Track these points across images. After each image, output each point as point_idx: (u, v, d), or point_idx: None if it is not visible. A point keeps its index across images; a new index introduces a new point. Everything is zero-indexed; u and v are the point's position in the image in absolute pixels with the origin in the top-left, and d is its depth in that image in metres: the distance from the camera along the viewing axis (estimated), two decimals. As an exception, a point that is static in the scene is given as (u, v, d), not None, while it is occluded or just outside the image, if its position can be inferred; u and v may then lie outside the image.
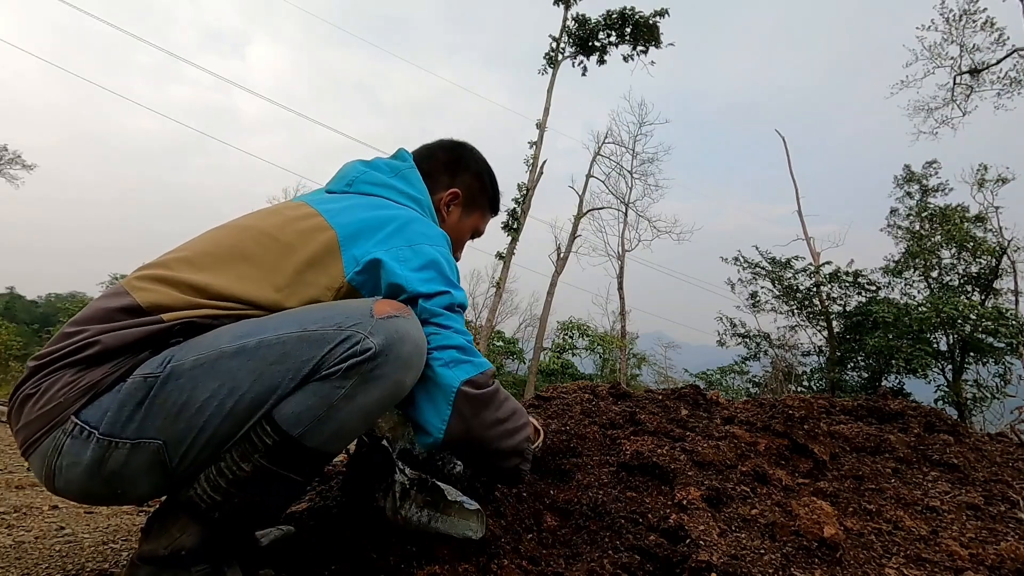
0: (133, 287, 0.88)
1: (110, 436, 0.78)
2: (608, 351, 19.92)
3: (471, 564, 1.02)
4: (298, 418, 0.81)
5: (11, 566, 1.18)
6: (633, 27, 16.30)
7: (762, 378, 16.91)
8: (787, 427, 1.67)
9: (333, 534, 1.21)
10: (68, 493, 0.83)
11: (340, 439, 0.87)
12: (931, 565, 1.06)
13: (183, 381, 0.80)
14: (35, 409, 0.80)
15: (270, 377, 0.81)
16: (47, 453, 0.80)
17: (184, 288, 0.88)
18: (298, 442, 0.82)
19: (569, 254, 18.34)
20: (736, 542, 1.08)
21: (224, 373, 0.80)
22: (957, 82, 15.27)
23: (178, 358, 0.82)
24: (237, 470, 0.82)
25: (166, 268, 0.91)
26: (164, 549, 0.84)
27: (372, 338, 0.83)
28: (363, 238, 0.96)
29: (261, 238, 0.95)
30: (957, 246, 14.14)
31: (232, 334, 0.84)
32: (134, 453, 0.79)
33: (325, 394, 0.82)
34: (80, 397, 0.79)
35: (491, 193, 1.32)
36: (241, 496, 0.84)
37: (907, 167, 17.39)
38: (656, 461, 1.40)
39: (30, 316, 37.84)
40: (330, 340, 0.83)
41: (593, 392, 2.11)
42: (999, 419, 11.98)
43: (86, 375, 0.80)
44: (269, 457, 0.82)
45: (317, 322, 0.84)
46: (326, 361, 0.82)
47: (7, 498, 1.90)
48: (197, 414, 0.80)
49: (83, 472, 0.79)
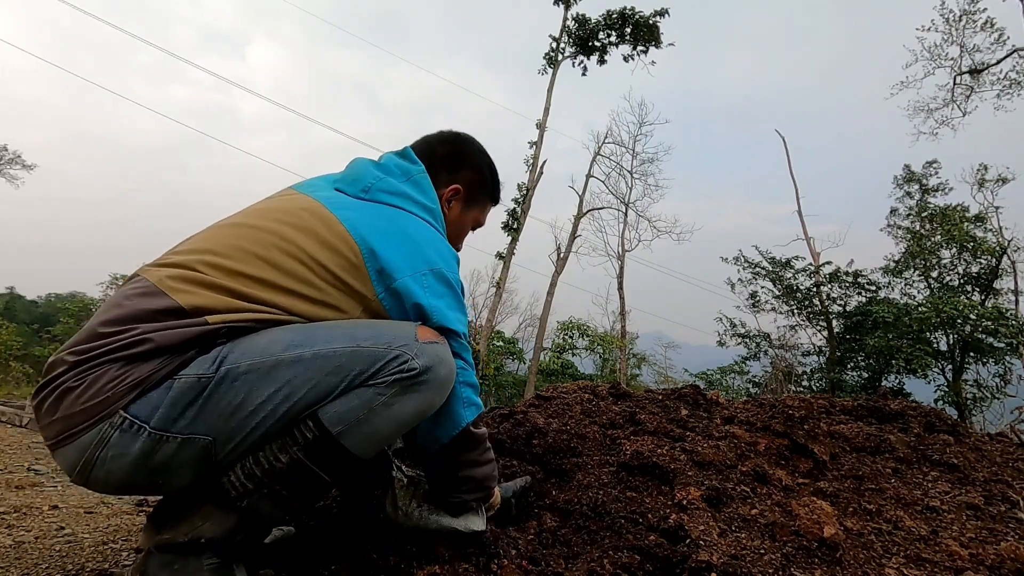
0: (169, 288, 0.89)
1: (162, 431, 0.81)
2: (608, 351, 19.91)
3: (471, 564, 1.02)
4: (340, 417, 0.87)
5: (11, 566, 1.18)
6: (633, 27, 16.30)
7: (762, 378, 16.91)
8: (787, 427, 1.67)
9: (333, 534, 1.21)
10: (103, 483, 0.84)
11: (372, 443, 0.92)
12: (931, 565, 1.06)
13: (238, 384, 0.84)
14: (79, 402, 0.81)
15: (324, 386, 0.87)
16: (89, 445, 0.81)
17: (222, 291, 0.91)
18: (336, 440, 0.87)
19: (569, 254, 18.34)
20: (736, 542, 1.08)
21: (280, 380, 0.86)
22: (957, 82, 15.26)
23: (231, 361, 0.85)
24: (275, 460, 0.87)
25: (196, 271, 0.92)
26: (184, 536, 0.86)
27: (418, 359, 0.91)
28: (387, 254, 0.99)
29: (287, 247, 0.96)
30: (957, 246, 14.13)
31: (285, 343, 0.88)
32: (183, 448, 0.82)
33: (368, 399, 0.89)
34: (129, 392, 0.81)
35: (491, 185, 1.33)
36: (271, 488, 0.87)
37: (907, 167, 17.39)
38: (656, 461, 1.40)
39: (30, 316, 37.83)
40: (381, 357, 0.90)
41: (593, 392, 2.11)
42: (999, 419, 11.98)
43: (134, 371, 0.82)
44: (306, 451, 0.87)
45: (368, 339, 0.91)
46: (377, 375, 0.89)
47: (7, 498, 1.90)
48: (251, 416, 0.85)
49: (128, 463, 0.81)
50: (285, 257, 0.95)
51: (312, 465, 0.88)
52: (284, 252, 0.95)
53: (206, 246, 0.96)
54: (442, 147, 1.27)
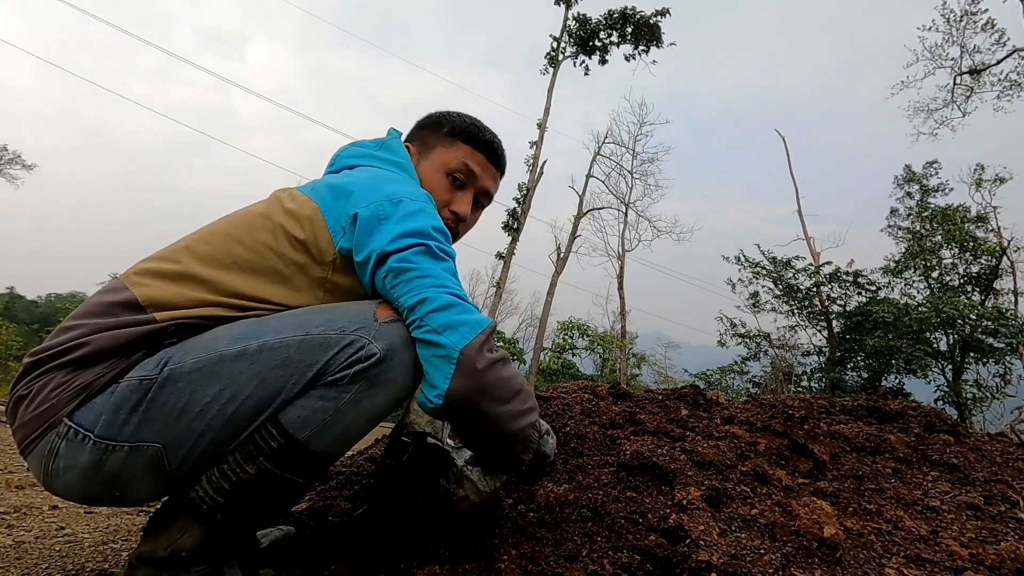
0: (132, 282, 0.87)
1: (107, 439, 0.77)
2: (608, 351, 19.92)
3: (471, 564, 1.02)
4: (304, 422, 0.81)
5: (11, 566, 1.18)
6: (634, 27, 16.31)
7: (762, 378, 16.91)
8: (787, 427, 1.67)
9: (333, 534, 1.21)
10: (68, 495, 0.82)
11: (345, 442, 0.87)
12: (931, 565, 1.06)
13: (182, 384, 0.79)
14: (29, 410, 0.79)
15: (273, 381, 0.80)
16: (43, 455, 0.79)
17: (183, 281, 0.87)
18: (304, 446, 0.82)
19: (569, 254, 18.35)
20: (736, 542, 1.08)
21: (225, 377, 0.79)
22: (957, 83, 15.27)
23: (175, 360, 0.80)
24: (241, 472, 0.82)
25: (164, 261, 0.90)
26: (164, 550, 0.84)
27: (376, 343, 0.82)
28: (341, 200, 0.94)
29: (252, 221, 0.94)
30: (957, 246, 14.13)
31: (231, 336, 0.83)
32: (132, 456, 0.78)
33: (331, 399, 0.81)
34: (73, 399, 0.78)
35: (449, 127, 1.16)
36: (244, 498, 0.83)
37: (907, 167, 17.39)
38: (656, 461, 1.40)
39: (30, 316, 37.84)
40: (334, 344, 0.82)
41: (593, 392, 2.11)
42: (999, 419, 11.98)
43: (78, 376, 0.79)
44: (274, 460, 0.82)
45: (320, 325, 0.83)
46: (331, 366, 0.81)
47: (7, 498, 1.90)
48: (197, 418, 0.79)
49: (80, 475, 0.78)
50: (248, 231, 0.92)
51: (283, 473, 0.83)
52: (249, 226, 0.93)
53: (185, 239, 0.96)
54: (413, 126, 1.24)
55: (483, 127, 1.19)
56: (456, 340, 0.82)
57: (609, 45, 16.69)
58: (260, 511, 0.87)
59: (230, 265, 0.89)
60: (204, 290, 0.87)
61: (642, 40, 16.53)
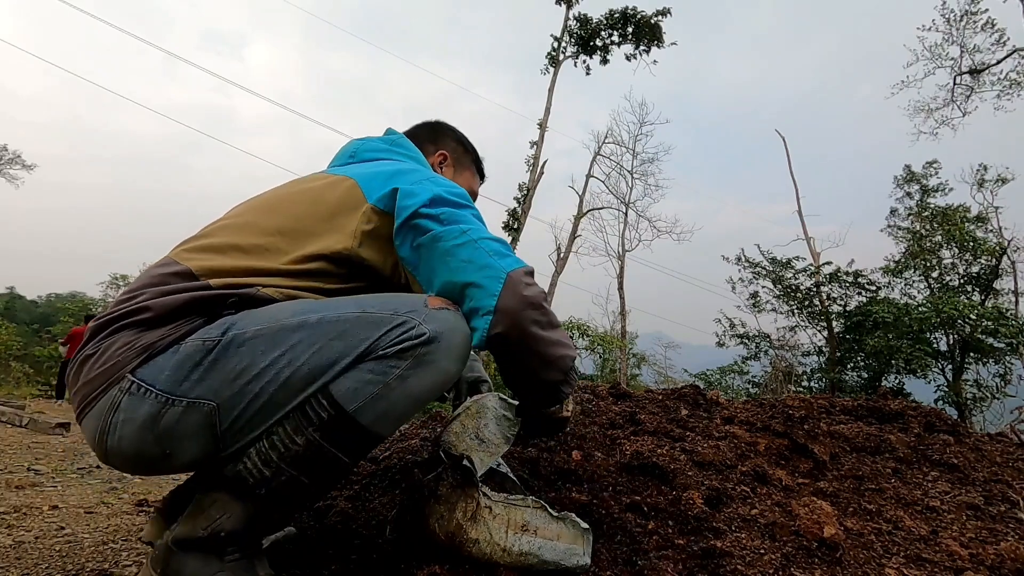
0: (182, 257, 0.95)
1: (167, 393, 0.82)
2: (608, 351, 19.91)
3: (471, 564, 1.01)
4: (355, 394, 0.85)
5: (11, 566, 1.18)
6: (635, 27, 16.31)
7: (762, 378, 16.91)
8: (787, 427, 1.67)
9: (333, 534, 1.21)
10: (120, 453, 0.84)
11: (390, 421, 0.89)
12: (931, 565, 1.06)
13: (244, 349, 0.84)
14: (95, 368, 0.84)
15: (328, 351, 0.85)
16: (104, 410, 0.83)
17: (228, 251, 0.95)
18: (352, 418, 0.85)
19: (569, 254, 18.35)
20: (736, 542, 1.08)
21: (284, 344, 0.85)
22: (957, 82, 15.27)
23: (238, 327, 0.86)
24: (290, 443, 0.84)
25: (211, 236, 0.99)
26: (203, 530, 0.84)
27: (426, 325, 0.88)
28: (380, 182, 1.03)
29: (292, 195, 1.05)
30: (957, 246, 14.13)
31: (292, 310, 0.89)
32: (188, 412, 0.82)
33: (381, 372, 0.85)
34: (137, 356, 0.83)
35: (474, 156, 1.41)
36: (289, 474, 0.85)
37: (907, 167, 17.39)
38: (656, 461, 1.40)
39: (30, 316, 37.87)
40: (387, 323, 0.87)
41: (593, 392, 2.11)
42: (999, 419, 11.98)
43: (143, 336, 0.85)
44: (323, 432, 0.85)
45: (375, 306, 0.90)
46: (382, 341, 0.86)
47: (7, 498, 1.90)
48: (254, 380, 0.83)
49: (137, 428, 0.82)
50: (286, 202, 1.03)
51: (330, 447, 0.85)
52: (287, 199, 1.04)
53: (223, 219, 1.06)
54: (422, 127, 1.40)
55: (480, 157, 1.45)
56: (505, 264, 0.92)
57: (610, 45, 16.68)
58: (302, 491, 0.88)
59: (271, 231, 0.99)
60: (250, 257, 0.95)
61: (643, 40, 16.52)
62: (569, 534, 1.00)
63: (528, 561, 0.97)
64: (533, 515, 1.01)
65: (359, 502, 1.38)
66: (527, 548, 0.97)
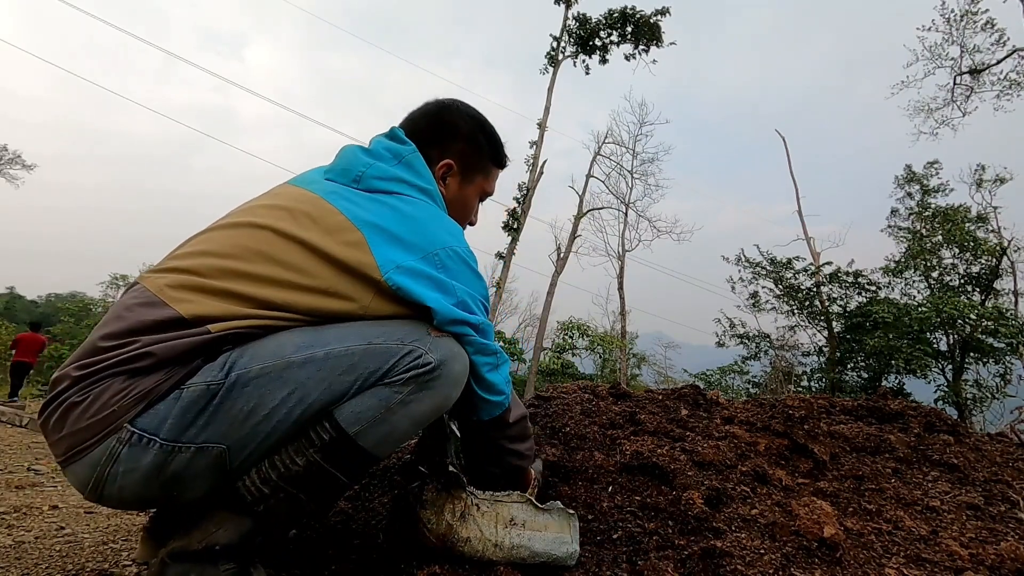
0: (170, 297, 0.87)
1: (173, 441, 0.79)
2: (608, 351, 19.92)
3: (472, 564, 1.01)
4: (356, 417, 0.86)
5: (11, 566, 1.18)
6: (634, 26, 16.31)
7: (762, 378, 16.92)
8: (787, 427, 1.67)
9: (333, 534, 1.21)
10: (117, 499, 0.82)
11: (390, 443, 0.91)
12: (931, 565, 1.06)
13: (249, 389, 0.82)
14: (85, 417, 0.79)
15: (339, 386, 0.86)
16: (99, 461, 0.79)
17: (223, 296, 0.88)
18: (353, 440, 0.86)
19: (569, 254, 18.34)
20: (736, 542, 1.08)
21: (292, 382, 0.84)
22: (957, 83, 15.27)
23: (241, 366, 0.83)
24: (291, 463, 0.85)
25: (198, 275, 0.89)
26: (199, 543, 0.84)
27: (432, 353, 0.90)
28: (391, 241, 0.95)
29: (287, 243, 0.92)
30: (957, 246, 14.14)
31: (295, 344, 0.87)
32: (196, 457, 0.81)
33: (384, 397, 0.87)
34: (135, 405, 0.79)
35: (489, 150, 1.22)
36: (288, 492, 0.86)
37: (908, 167, 17.39)
38: (656, 461, 1.40)
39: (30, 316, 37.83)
40: (394, 353, 0.88)
41: (593, 392, 2.11)
42: (999, 419, 11.99)
43: (138, 383, 0.81)
44: (323, 453, 0.86)
45: (380, 336, 0.90)
46: (391, 371, 0.88)
47: (7, 498, 1.90)
48: (264, 420, 0.83)
49: (141, 477, 0.79)
50: (286, 250, 0.91)
51: (329, 467, 0.86)
52: (284, 246, 0.92)
53: (204, 247, 0.94)
54: (424, 121, 1.18)
55: (501, 142, 1.26)
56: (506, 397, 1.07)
57: (609, 44, 16.68)
58: (300, 508, 0.89)
59: (271, 283, 0.90)
60: (251, 305, 0.89)
61: (642, 39, 16.52)
62: (556, 524, 1.04)
63: (520, 554, 1.00)
64: (520, 509, 1.04)
65: (359, 502, 1.38)
66: (518, 541, 1.01)
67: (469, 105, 1.24)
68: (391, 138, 1.12)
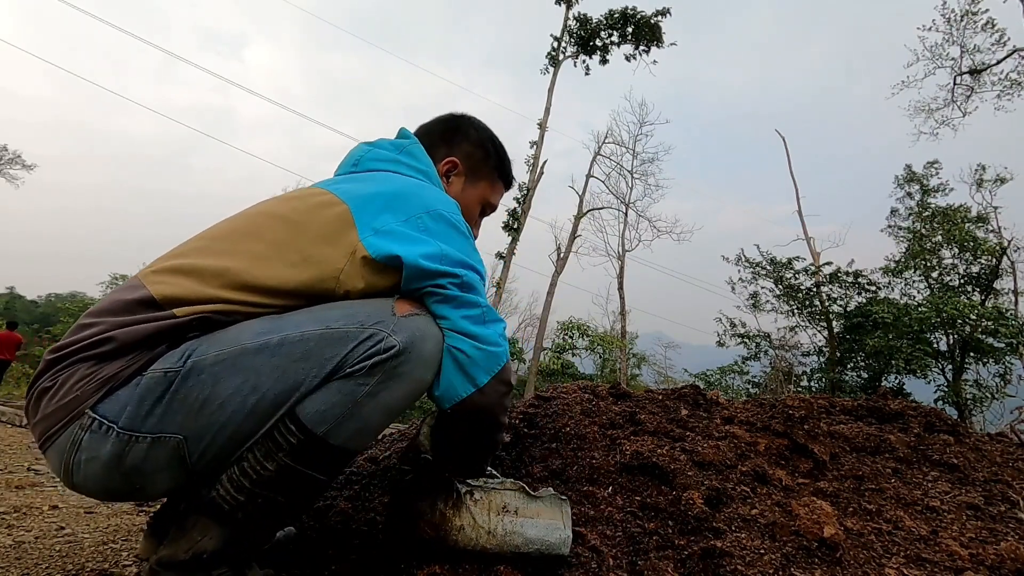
0: (149, 280, 0.87)
1: (130, 431, 0.77)
2: (608, 351, 19.92)
3: (471, 564, 1.01)
4: (323, 416, 0.82)
5: (11, 566, 1.18)
6: (635, 27, 16.31)
7: (762, 378, 16.92)
8: (787, 427, 1.67)
9: (333, 534, 1.21)
10: (86, 489, 0.82)
11: (364, 436, 0.87)
12: (931, 565, 1.06)
13: (204, 376, 0.79)
14: (52, 403, 0.79)
15: (294, 374, 0.81)
16: (64, 448, 0.79)
17: (199, 277, 0.86)
18: (323, 440, 0.82)
19: (569, 254, 18.34)
20: (736, 542, 1.08)
21: (247, 369, 0.80)
22: (957, 83, 15.27)
23: (199, 353, 0.81)
24: (261, 469, 0.82)
25: (182, 257, 0.90)
26: (185, 553, 0.83)
27: (395, 336, 0.84)
28: (375, 209, 0.93)
29: (273, 219, 0.93)
30: (957, 246, 14.14)
31: (253, 331, 0.84)
32: (154, 448, 0.79)
33: (349, 392, 0.83)
34: (97, 391, 0.78)
35: (496, 161, 1.23)
36: (265, 496, 0.84)
37: (908, 167, 17.40)
38: (656, 461, 1.40)
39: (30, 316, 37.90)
40: (353, 338, 0.83)
41: (593, 392, 2.11)
42: (999, 419, 11.99)
43: (102, 369, 0.79)
44: (293, 456, 0.82)
45: (339, 320, 0.85)
46: (349, 358, 0.83)
47: (7, 498, 1.90)
48: (219, 410, 0.79)
49: (102, 467, 0.78)
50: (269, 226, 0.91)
51: (303, 468, 0.84)
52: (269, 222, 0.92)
53: (203, 234, 0.95)
54: (439, 125, 1.22)
55: (508, 160, 1.27)
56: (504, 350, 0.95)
57: (610, 45, 16.68)
58: (281, 509, 0.87)
59: (246, 257, 0.89)
60: (219, 284, 0.86)
61: (643, 40, 16.52)
62: (548, 510, 1.04)
63: (513, 540, 1.00)
64: (513, 496, 1.04)
65: (359, 502, 1.38)
66: (511, 528, 1.00)
67: (484, 123, 1.27)
68: (397, 136, 1.15)
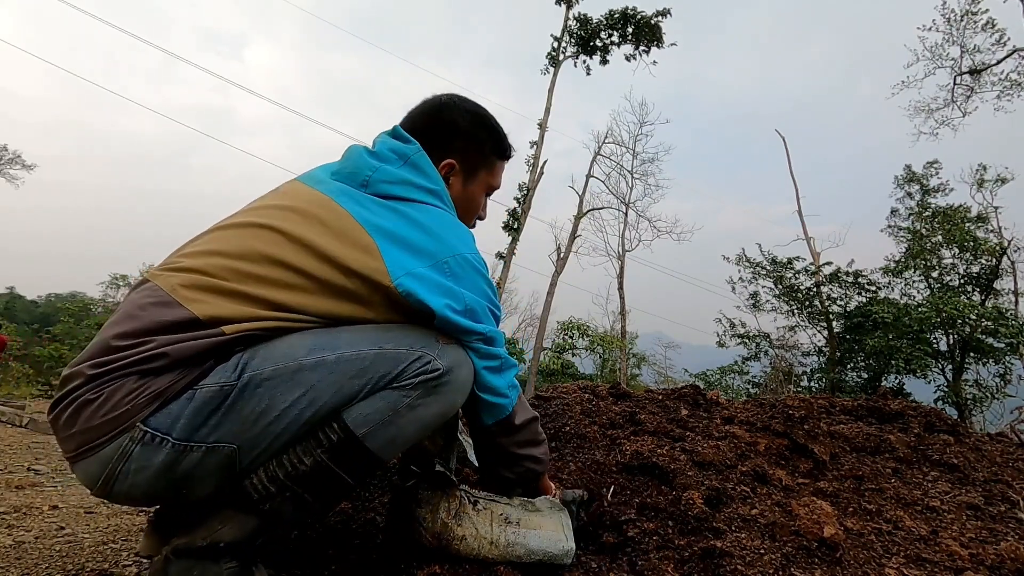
0: (184, 297, 0.87)
1: (185, 441, 0.81)
2: (608, 351, 19.91)
3: (471, 564, 1.02)
4: (365, 419, 0.88)
5: (11, 566, 1.18)
6: (635, 27, 16.29)
7: (762, 378, 16.91)
8: (787, 427, 1.67)
9: (333, 534, 1.21)
10: (125, 496, 0.84)
11: (396, 445, 0.93)
12: (931, 565, 1.06)
13: (261, 390, 0.84)
14: (99, 415, 0.80)
15: (348, 389, 0.88)
16: (111, 458, 0.80)
17: (237, 297, 0.89)
18: (360, 441, 0.88)
19: (569, 254, 18.33)
20: (736, 542, 1.08)
21: (304, 384, 0.86)
22: (957, 83, 15.26)
23: (253, 367, 0.85)
24: (298, 463, 0.87)
25: (210, 276, 0.89)
26: (202, 540, 0.85)
27: (440, 360, 0.92)
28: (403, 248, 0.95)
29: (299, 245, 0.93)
30: (957, 246, 14.13)
31: (307, 347, 0.88)
32: (207, 456, 0.82)
33: (392, 400, 0.89)
34: (148, 404, 0.81)
35: (491, 143, 1.21)
36: (294, 492, 0.87)
37: (908, 167, 17.37)
38: (656, 461, 1.40)
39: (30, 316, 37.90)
40: (404, 359, 0.91)
41: (593, 392, 2.11)
42: (999, 419, 11.98)
43: (152, 383, 0.82)
44: (331, 454, 0.87)
45: (391, 342, 0.92)
46: (401, 376, 0.90)
47: (7, 498, 1.90)
48: (275, 422, 0.84)
49: (152, 475, 0.81)
50: (295, 254, 0.92)
51: (336, 468, 0.88)
52: (293, 249, 0.92)
53: (215, 247, 0.94)
54: (423, 120, 1.17)
55: (504, 133, 1.24)
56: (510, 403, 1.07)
57: (610, 45, 16.66)
58: (305, 508, 0.90)
59: (282, 287, 0.91)
60: (263, 307, 0.90)
61: (643, 40, 16.50)
62: (551, 522, 1.05)
63: (516, 551, 1.01)
64: (514, 507, 1.05)
65: (359, 502, 1.38)
66: (513, 539, 1.01)
67: (467, 99, 1.22)
68: (395, 137, 1.11)
